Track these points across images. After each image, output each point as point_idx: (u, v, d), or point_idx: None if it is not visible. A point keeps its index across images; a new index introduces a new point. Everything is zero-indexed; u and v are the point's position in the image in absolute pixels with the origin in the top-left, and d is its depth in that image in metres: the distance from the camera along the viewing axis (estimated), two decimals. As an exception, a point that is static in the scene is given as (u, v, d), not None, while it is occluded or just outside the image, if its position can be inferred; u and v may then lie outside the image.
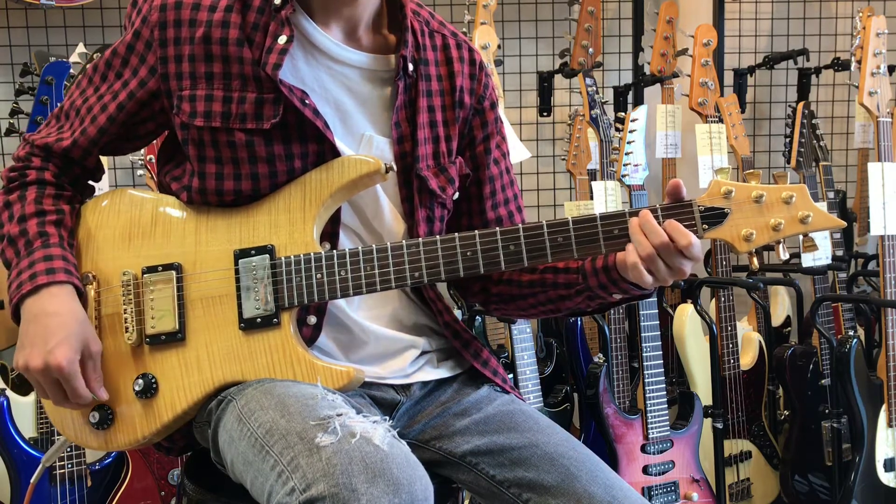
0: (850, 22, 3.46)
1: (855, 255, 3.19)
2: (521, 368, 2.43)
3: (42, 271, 1.27)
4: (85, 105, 1.36)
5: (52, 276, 1.27)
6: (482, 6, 2.61)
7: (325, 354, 1.33)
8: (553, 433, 1.30)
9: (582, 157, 2.97)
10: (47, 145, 1.37)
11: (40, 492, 2.35)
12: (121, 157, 2.92)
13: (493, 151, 1.45)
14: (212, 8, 1.28)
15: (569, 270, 1.34)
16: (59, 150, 1.37)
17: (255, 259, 1.27)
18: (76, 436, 1.34)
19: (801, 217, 1.20)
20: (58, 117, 1.40)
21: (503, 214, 1.46)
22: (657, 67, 2.91)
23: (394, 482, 1.03)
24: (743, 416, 2.72)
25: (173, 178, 1.36)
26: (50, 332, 1.24)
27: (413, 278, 1.25)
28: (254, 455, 1.12)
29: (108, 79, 1.35)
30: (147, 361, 1.30)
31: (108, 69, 1.36)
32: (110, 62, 1.36)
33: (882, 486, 2.50)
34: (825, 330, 2.62)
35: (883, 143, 2.50)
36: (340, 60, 1.33)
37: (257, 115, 1.27)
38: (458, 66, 1.41)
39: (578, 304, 1.36)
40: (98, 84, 1.36)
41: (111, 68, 1.35)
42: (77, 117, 1.37)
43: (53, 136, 1.38)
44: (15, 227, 1.32)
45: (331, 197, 1.28)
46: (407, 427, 1.36)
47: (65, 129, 1.38)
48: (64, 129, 1.38)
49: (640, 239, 1.20)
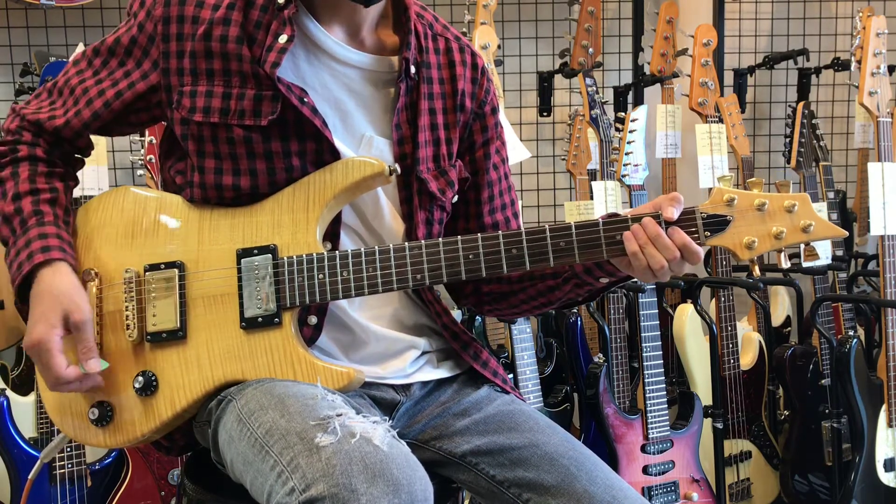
0: (850, 22, 3.46)
1: (855, 255, 3.19)
2: (521, 368, 2.44)
3: (38, 250, 1.28)
4: (81, 86, 1.36)
5: (48, 254, 1.28)
6: (482, 6, 2.61)
7: (326, 354, 1.33)
8: (553, 433, 1.30)
9: (582, 157, 2.97)
10: (39, 121, 1.37)
11: (40, 491, 2.35)
12: (121, 157, 2.92)
13: (493, 157, 1.45)
14: (215, 6, 1.29)
15: None
16: (50, 128, 1.37)
17: (258, 259, 1.27)
18: (75, 433, 1.33)
19: (803, 226, 1.21)
20: (50, 92, 1.40)
21: (500, 220, 1.46)
22: (657, 67, 2.92)
23: (393, 482, 1.03)
24: (743, 416, 2.72)
25: (178, 172, 1.36)
26: (36, 312, 1.26)
27: (415, 280, 1.25)
28: (254, 455, 1.12)
29: (109, 65, 1.36)
30: (147, 359, 1.30)
31: (111, 56, 1.36)
32: (113, 49, 1.36)
33: (882, 486, 2.50)
34: (825, 330, 2.62)
35: (883, 143, 2.50)
36: (342, 61, 1.33)
37: (255, 111, 1.27)
38: (460, 70, 1.41)
39: (568, 294, 1.37)
40: (98, 68, 1.37)
41: (114, 55, 1.36)
42: (71, 97, 1.37)
43: (46, 113, 1.38)
44: (10, 206, 1.33)
45: (334, 198, 1.28)
46: (407, 427, 1.36)
47: (57, 107, 1.38)
48: (56, 105, 1.38)
49: (653, 252, 1.21)
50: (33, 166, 1.36)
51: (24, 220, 1.31)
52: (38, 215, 1.32)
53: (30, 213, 1.32)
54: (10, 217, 1.32)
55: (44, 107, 1.39)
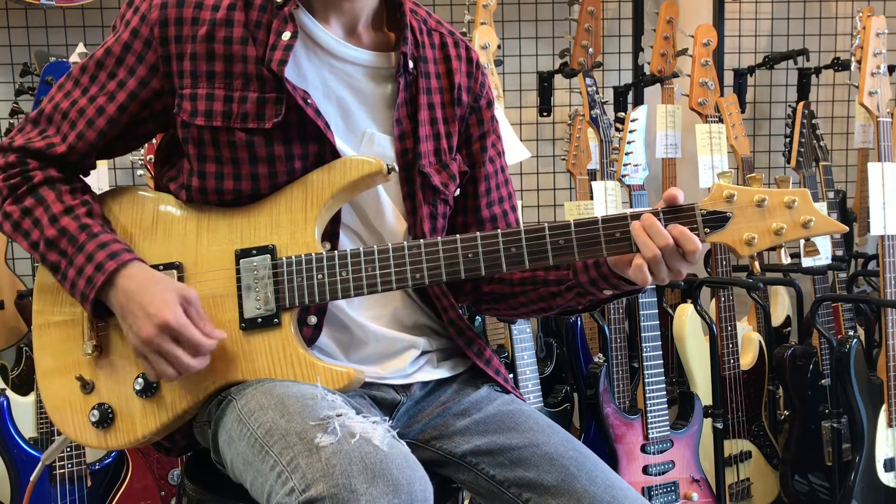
0: (850, 22, 3.46)
1: (855, 255, 3.19)
2: (521, 368, 2.43)
3: (105, 258, 1.24)
4: (74, 108, 1.32)
5: (118, 260, 1.24)
6: (482, 6, 2.61)
7: (326, 354, 1.33)
8: (553, 433, 1.30)
9: (582, 157, 2.97)
10: (39, 151, 1.31)
11: (40, 492, 2.35)
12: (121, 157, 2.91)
13: (489, 150, 1.45)
14: (215, 7, 1.28)
15: (559, 267, 1.34)
16: (52, 156, 1.32)
17: (257, 259, 1.27)
18: (76, 434, 1.33)
19: (804, 222, 1.20)
20: (35, 122, 1.34)
21: (497, 213, 1.46)
22: (657, 67, 2.92)
23: (393, 483, 1.03)
24: (743, 416, 2.72)
25: (170, 179, 1.35)
26: (146, 304, 1.21)
27: (414, 279, 1.25)
28: (253, 455, 1.12)
29: (98, 79, 1.31)
30: (147, 361, 1.30)
31: (100, 69, 1.32)
32: (102, 62, 1.32)
33: (882, 486, 2.50)
34: (825, 330, 2.62)
35: (883, 143, 2.50)
36: (342, 58, 1.33)
37: (259, 114, 1.27)
38: (456, 64, 1.41)
39: (569, 302, 1.36)
40: (87, 85, 1.32)
41: (103, 68, 1.32)
42: (65, 121, 1.32)
43: (40, 142, 1.31)
44: (51, 230, 1.27)
45: (332, 197, 1.28)
46: (407, 427, 1.36)
47: (50, 135, 1.32)
48: (49, 133, 1.32)
49: (646, 241, 1.20)
50: (55, 188, 1.31)
51: (73, 237, 1.27)
52: (85, 229, 1.27)
53: (76, 229, 1.27)
54: (55, 240, 1.27)
55: (33, 137, 1.32)
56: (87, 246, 1.26)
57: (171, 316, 1.20)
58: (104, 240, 1.27)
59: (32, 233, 1.29)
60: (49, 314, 1.36)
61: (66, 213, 1.28)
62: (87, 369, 1.32)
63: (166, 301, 1.21)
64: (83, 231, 1.27)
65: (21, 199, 1.30)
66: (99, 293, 1.24)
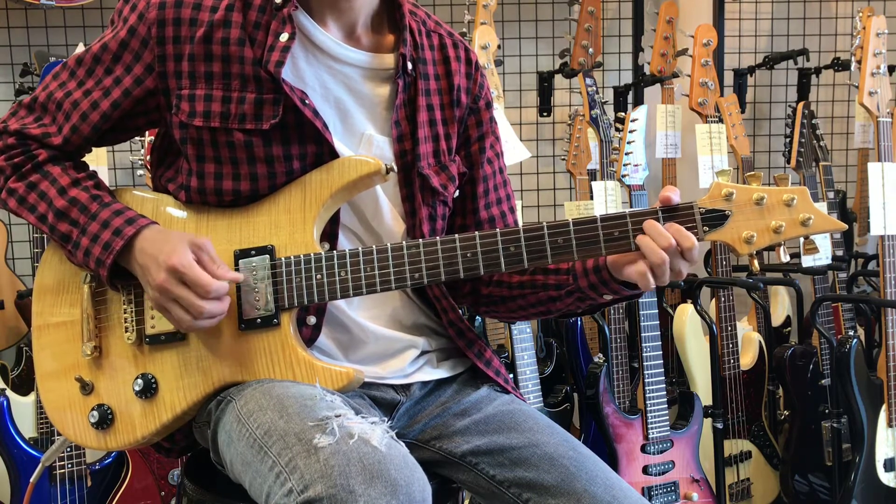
0: (850, 22, 3.46)
1: (855, 255, 3.19)
2: (521, 368, 2.43)
3: (123, 223, 1.25)
4: (69, 100, 1.32)
5: (136, 225, 1.25)
6: (482, 6, 2.60)
7: (325, 354, 1.33)
8: (553, 433, 1.30)
9: (582, 157, 2.97)
10: (36, 137, 1.33)
11: (40, 492, 2.35)
12: (121, 157, 2.92)
13: (488, 151, 1.45)
14: (213, 8, 1.28)
15: (559, 271, 1.34)
16: (48, 145, 1.33)
17: (256, 259, 1.27)
18: (76, 435, 1.33)
19: (802, 220, 1.20)
20: (30, 108, 1.35)
21: (496, 214, 1.46)
22: (657, 67, 2.91)
23: (391, 483, 1.03)
24: (743, 416, 2.72)
25: (168, 180, 1.35)
26: (157, 253, 1.22)
27: (413, 279, 1.25)
28: (252, 456, 1.12)
29: (94, 74, 1.32)
30: (147, 361, 1.30)
31: (96, 64, 1.32)
32: (99, 56, 1.32)
33: (882, 486, 2.50)
34: (825, 330, 2.62)
35: (883, 143, 2.50)
36: (341, 59, 1.33)
37: (256, 115, 1.27)
38: (455, 66, 1.41)
39: (568, 306, 1.36)
40: (83, 78, 1.33)
41: (100, 63, 1.32)
42: (60, 112, 1.33)
43: (37, 130, 1.33)
44: (60, 201, 1.28)
45: (331, 197, 1.28)
46: (407, 427, 1.36)
47: (46, 123, 1.33)
48: (45, 122, 1.33)
49: (649, 243, 1.20)
50: (59, 164, 1.32)
51: (85, 206, 1.28)
52: (96, 199, 1.28)
53: (87, 199, 1.28)
54: (65, 211, 1.28)
55: (28, 123, 1.34)
56: (101, 214, 1.27)
57: (177, 259, 1.19)
58: (117, 208, 1.28)
59: (39, 206, 1.30)
60: (49, 315, 1.36)
61: (74, 184, 1.30)
62: (86, 370, 1.32)
63: (175, 248, 1.21)
64: (94, 201, 1.28)
65: (26, 176, 1.32)
66: (118, 257, 1.24)
